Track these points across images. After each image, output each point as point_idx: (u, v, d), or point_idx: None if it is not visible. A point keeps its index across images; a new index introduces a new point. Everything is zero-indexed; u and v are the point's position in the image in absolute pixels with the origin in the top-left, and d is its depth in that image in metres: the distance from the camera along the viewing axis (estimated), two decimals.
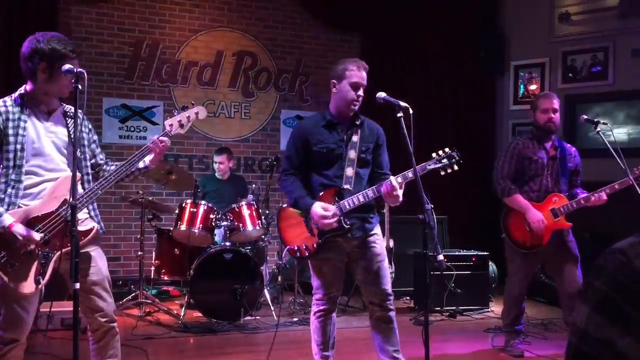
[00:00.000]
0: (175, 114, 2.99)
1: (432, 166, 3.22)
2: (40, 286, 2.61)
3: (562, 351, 1.81)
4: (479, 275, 5.84)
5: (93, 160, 2.92)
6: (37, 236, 2.57)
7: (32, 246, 2.57)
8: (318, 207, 3.17)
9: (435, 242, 2.81)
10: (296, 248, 3.31)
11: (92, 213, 2.86)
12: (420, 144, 3.73)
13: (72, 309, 2.45)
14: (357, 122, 3.38)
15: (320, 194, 3.27)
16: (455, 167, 3.25)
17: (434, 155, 3.26)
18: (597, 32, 6.99)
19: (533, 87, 7.58)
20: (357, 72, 3.30)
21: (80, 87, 2.51)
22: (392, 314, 3.39)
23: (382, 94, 3.20)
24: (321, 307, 3.39)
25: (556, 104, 4.17)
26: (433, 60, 7.73)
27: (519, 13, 7.65)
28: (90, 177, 2.87)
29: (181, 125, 2.95)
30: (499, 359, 4.29)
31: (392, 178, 3.15)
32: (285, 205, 3.46)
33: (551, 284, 5.68)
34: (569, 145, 4.34)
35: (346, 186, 3.28)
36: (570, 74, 7.22)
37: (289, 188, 3.33)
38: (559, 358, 4.17)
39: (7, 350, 2.67)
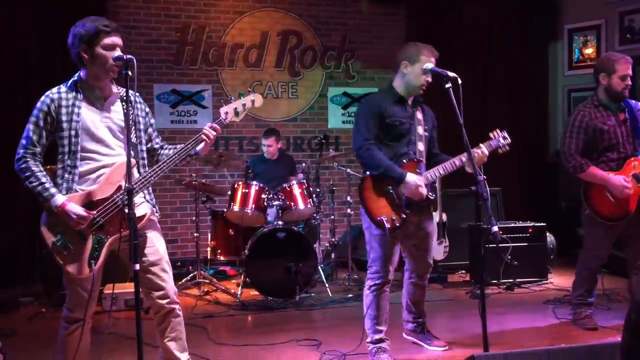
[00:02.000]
0: (231, 100, 2.97)
1: (494, 145, 3.48)
2: (93, 270, 2.66)
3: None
4: (537, 246, 5.71)
5: (149, 145, 2.95)
6: (88, 215, 2.62)
7: (84, 225, 2.62)
8: (414, 177, 3.30)
9: (489, 214, 2.76)
10: (385, 219, 3.31)
11: (148, 197, 2.92)
12: (472, 116, 3.71)
13: (133, 289, 2.54)
14: (417, 102, 3.54)
15: (403, 164, 3.38)
16: (508, 149, 3.51)
17: (491, 134, 3.50)
18: None
19: (589, 50, 7.28)
20: (429, 58, 3.40)
21: (130, 73, 2.56)
22: (427, 282, 3.76)
23: (429, 65, 3.32)
24: (377, 281, 3.42)
25: (632, 69, 3.89)
26: (482, 31, 7.51)
27: None
28: (146, 162, 2.90)
29: (237, 114, 2.94)
30: (568, 331, 4.16)
31: (481, 145, 3.41)
32: (364, 178, 3.45)
33: (616, 254, 5.50)
34: (634, 102, 4.02)
35: (421, 159, 3.48)
36: (628, 35, 6.89)
37: (375, 157, 3.33)
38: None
39: (73, 329, 2.80)
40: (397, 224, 3.32)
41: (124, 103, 2.79)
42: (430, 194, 3.39)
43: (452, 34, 7.36)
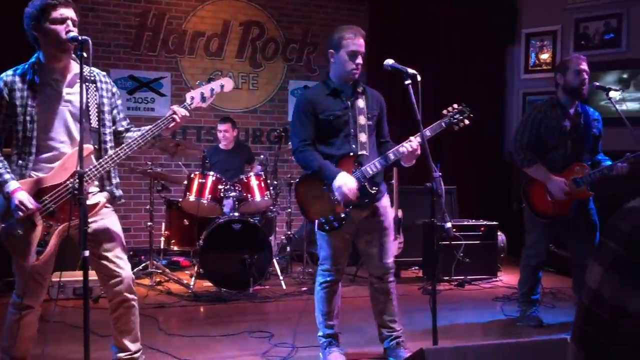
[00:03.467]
0: (200, 85, 2.89)
1: (446, 122, 3.26)
2: (41, 258, 2.60)
3: (571, 319, 1.81)
4: (488, 244, 5.84)
5: (114, 127, 2.84)
6: (31, 204, 2.54)
7: (21, 214, 2.53)
8: (343, 178, 3.11)
9: (442, 211, 2.80)
10: (323, 220, 3.23)
11: (110, 182, 2.86)
12: (430, 112, 3.71)
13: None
14: (359, 89, 3.35)
15: (338, 162, 3.22)
16: (467, 122, 3.28)
17: (444, 112, 3.30)
18: (611, 0, 6.83)
19: (545, 55, 7.46)
20: (354, 40, 3.22)
21: (85, 55, 2.49)
22: (392, 285, 3.45)
23: (389, 61, 3.18)
24: (327, 279, 3.39)
25: (587, 66, 4.00)
26: (444, 29, 7.62)
27: None
28: (111, 146, 2.79)
29: (203, 99, 2.83)
30: (514, 327, 4.27)
31: (412, 138, 3.17)
32: (300, 179, 3.39)
33: (561, 253, 5.68)
34: (592, 109, 4.17)
35: (362, 152, 3.27)
36: (582, 42, 7.09)
37: (308, 159, 3.22)
38: (568, 326, 4.18)
39: (22, 315, 2.74)
40: (336, 225, 3.21)
41: (89, 84, 2.68)
42: (372, 188, 3.23)
43: (414, 31, 7.44)
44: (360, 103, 3.31)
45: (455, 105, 3.30)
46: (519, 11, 7.65)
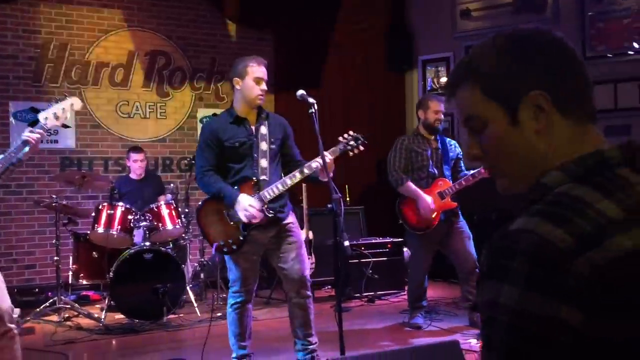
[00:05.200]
0: (49, 106, 3.05)
1: (342, 148, 3.46)
2: None
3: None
4: (395, 260, 6.14)
5: None
6: None
7: None
8: (245, 197, 3.28)
9: (341, 229, 2.99)
10: (222, 243, 3.36)
11: None
12: (335, 135, 3.92)
13: None
14: (263, 116, 3.54)
15: (239, 187, 3.36)
16: (362, 148, 3.50)
17: (340, 138, 3.51)
18: (495, 27, 7.44)
19: (444, 79, 7.96)
20: (259, 68, 3.46)
21: None
22: (309, 300, 3.57)
23: (300, 92, 3.35)
24: (238, 300, 3.51)
25: (443, 107, 4.68)
26: (346, 56, 7.96)
27: (425, 10, 8.03)
28: None
29: (57, 118, 3.01)
30: (418, 334, 4.59)
31: (325, 152, 3.28)
32: (201, 203, 3.53)
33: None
34: (448, 139, 4.90)
35: (262, 177, 3.44)
36: None
37: (209, 183, 3.37)
38: (466, 331, 4.50)
39: None
40: (235, 247, 3.35)
41: None
42: (269, 211, 3.35)
43: (318, 59, 7.74)
44: (263, 129, 3.50)
45: (351, 132, 3.51)
46: (416, 39, 8.15)
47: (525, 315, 0.77)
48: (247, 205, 3.27)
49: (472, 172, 4.54)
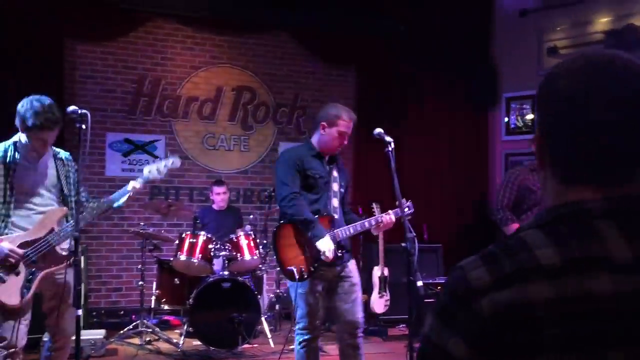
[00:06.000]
0: (154, 162, 3.43)
1: (397, 212, 3.52)
2: (25, 299, 2.99)
3: None
4: None
5: (76, 197, 3.18)
6: (20, 251, 2.98)
7: (14, 260, 2.96)
8: (326, 244, 3.32)
9: (415, 269, 2.97)
10: (293, 269, 3.41)
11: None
12: (416, 176, 3.93)
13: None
14: (337, 160, 3.66)
15: (318, 217, 3.42)
16: (409, 217, 3.52)
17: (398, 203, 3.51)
18: None
19: (530, 116, 7.77)
20: (348, 123, 3.51)
21: (83, 127, 2.74)
22: (360, 340, 3.57)
23: (378, 130, 3.46)
24: (305, 337, 3.52)
25: None
26: (427, 94, 7.94)
27: (510, 48, 7.91)
28: (74, 211, 3.22)
29: (158, 172, 3.35)
30: None
31: (391, 212, 3.48)
32: (279, 225, 3.57)
33: None
34: None
35: (335, 215, 3.51)
36: None
37: (300, 209, 3.39)
38: None
39: (7, 355, 3.01)
40: (306, 275, 3.39)
41: (56, 160, 3.26)
42: (339, 251, 3.41)
43: (399, 96, 7.77)
44: (335, 172, 3.62)
45: (404, 201, 3.54)
46: (500, 77, 8.02)
47: (428, 342, 0.83)
48: (329, 245, 3.32)
49: None
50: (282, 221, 3.53)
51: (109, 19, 6.76)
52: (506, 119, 7.93)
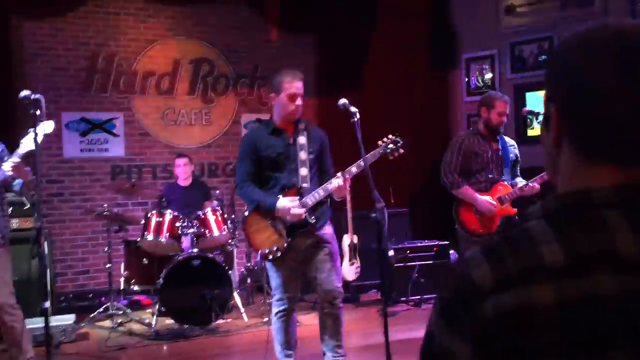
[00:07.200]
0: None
1: (381, 152, 3.47)
2: None
3: None
4: (441, 264, 6.06)
5: None
6: None
7: None
8: (284, 201, 3.36)
9: (384, 238, 2.98)
10: (267, 251, 3.43)
11: None
12: (378, 137, 3.91)
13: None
14: (301, 127, 3.58)
15: (281, 195, 3.42)
16: (401, 151, 3.51)
17: (379, 142, 3.51)
18: (540, 23, 7.26)
19: (489, 75, 7.81)
20: (292, 84, 3.45)
21: (38, 112, 2.62)
22: (341, 312, 3.59)
23: (342, 101, 3.34)
24: (281, 308, 3.53)
25: (508, 108, 4.40)
26: (387, 57, 7.90)
27: (468, 7, 7.89)
28: None
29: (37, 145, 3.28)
30: None
31: (338, 174, 3.40)
32: (247, 214, 3.58)
33: None
34: (508, 138, 4.60)
35: (304, 184, 3.48)
36: (519, 64, 7.49)
37: (248, 194, 3.48)
38: None
39: None
40: (280, 254, 3.40)
41: None
42: (312, 217, 3.41)
43: (359, 61, 7.71)
44: (302, 139, 3.55)
45: (390, 136, 3.51)
46: (459, 38, 8.02)
47: (432, 340, 0.82)
48: (288, 206, 3.33)
49: (529, 183, 4.25)
50: (245, 213, 3.59)
51: None
52: (466, 80, 7.98)
